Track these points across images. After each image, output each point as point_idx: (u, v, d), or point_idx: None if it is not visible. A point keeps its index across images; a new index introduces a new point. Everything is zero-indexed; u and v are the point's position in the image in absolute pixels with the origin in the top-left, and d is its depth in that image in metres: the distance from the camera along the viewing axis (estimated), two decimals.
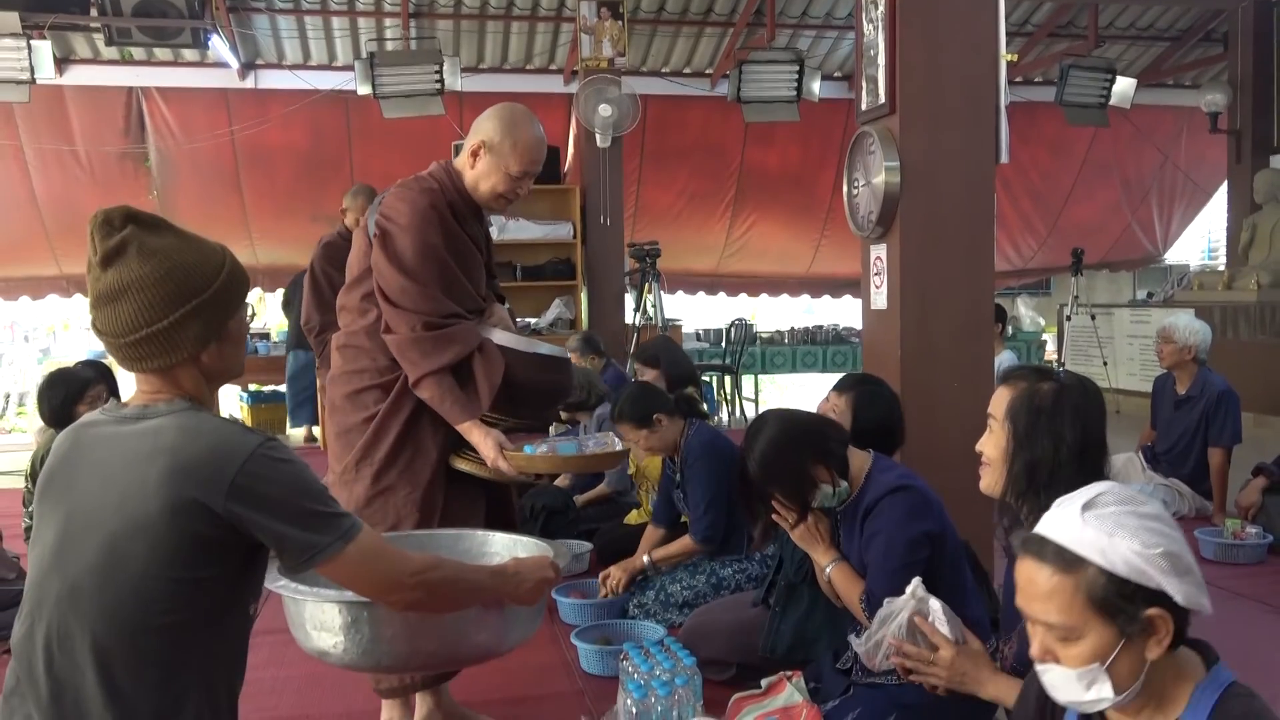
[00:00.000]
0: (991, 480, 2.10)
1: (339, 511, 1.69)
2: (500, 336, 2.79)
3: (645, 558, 3.98)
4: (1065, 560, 1.36)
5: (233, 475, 1.57)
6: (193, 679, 1.60)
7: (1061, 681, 1.40)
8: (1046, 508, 1.96)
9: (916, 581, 2.15)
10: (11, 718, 1.56)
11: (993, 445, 2.11)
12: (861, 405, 3.06)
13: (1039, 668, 1.43)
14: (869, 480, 2.61)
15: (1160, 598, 1.33)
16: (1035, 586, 1.39)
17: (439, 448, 2.78)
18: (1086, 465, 2.01)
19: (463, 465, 2.79)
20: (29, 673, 1.58)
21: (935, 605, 2.11)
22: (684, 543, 3.95)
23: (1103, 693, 1.37)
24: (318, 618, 1.96)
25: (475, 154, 2.79)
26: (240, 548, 1.62)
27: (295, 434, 8.68)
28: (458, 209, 2.80)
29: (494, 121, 2.79)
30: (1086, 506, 1.37)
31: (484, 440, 2.68)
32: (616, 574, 3.97)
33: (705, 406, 4.81)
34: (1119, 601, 1.33)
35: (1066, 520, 1.38)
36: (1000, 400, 2.12)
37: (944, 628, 2.08)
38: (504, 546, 2.48)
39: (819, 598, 2.88)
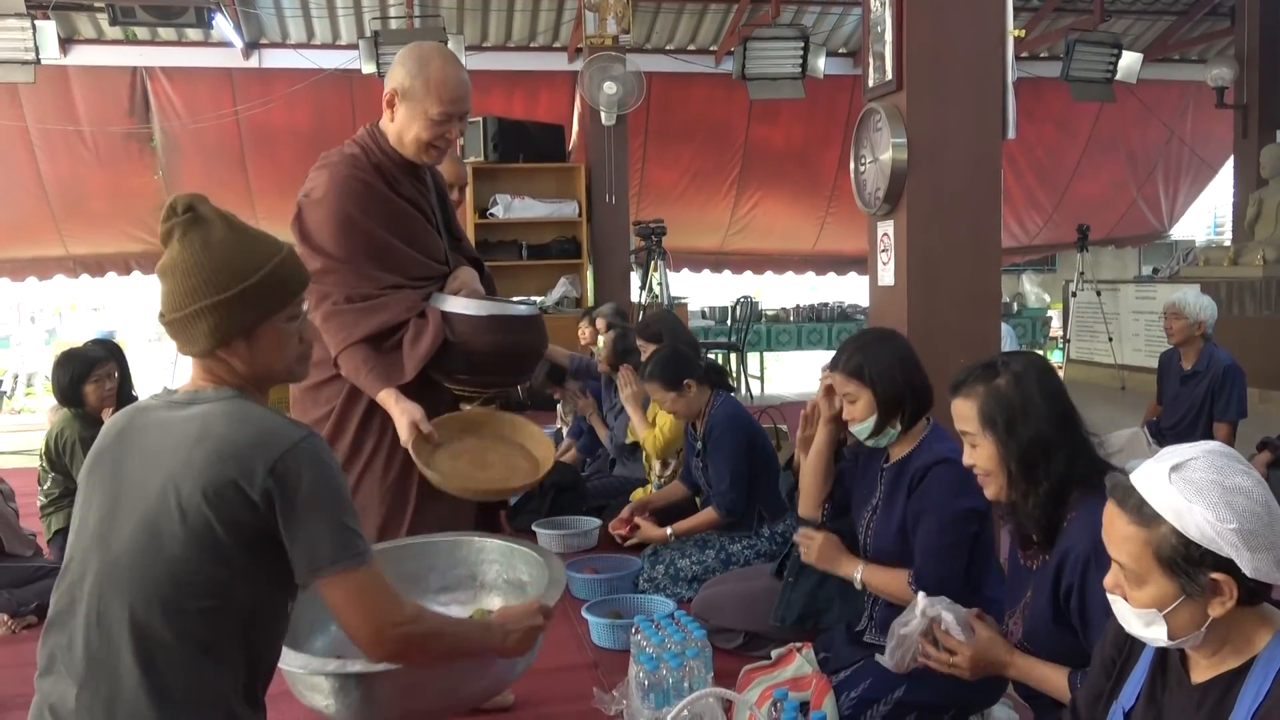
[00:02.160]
0: (996, 488, 2.12)
1: (360, 531, 1.67)
2: (453, 303, 2.62)
3: (669, 530, 4.03)
4: (1143, 514, 1.42)
5: (273, 462, 1.58)
6: (225, 667, 1.61)
7: (1125, 613, 1.49)
8: (1051, 492, 2.00)
9: (922, 597, 2.18)
10: (47, 698, 1.58)
11: (984, 456, 2.12)
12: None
13: (1110, 597, 1.51)
14: (923, 445, 2.63)
15: (1229, 565, 1.37)
16: (1114, 529, 1.47)
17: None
18: (1070, 432, 2.06)
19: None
20: (68, 648, 1.59)
21: (947, 616, 2.15)
22: (707, 515, 4.00)
23: (1158, 634, 1.45)
24: (306, 680, 1.92)
25: (390, 104, 2.61)
26: (277, 541, 1.61)
27: None
28: (387, 171, 2.63)
29: (403, 65, 2.59)
30: (1176, 469, 1.41)
31: (400, 415, 2.51)
32: (644, 526, 4.11)
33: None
34: (1184, 564, 1.39)
35: (1154, 477, 1.42)
36: (968, 413, 2.12)
37: (958, 634, 2.12)
38: (500, 554, 2.40)
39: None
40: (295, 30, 10.17)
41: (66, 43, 9.50)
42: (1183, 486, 1.39)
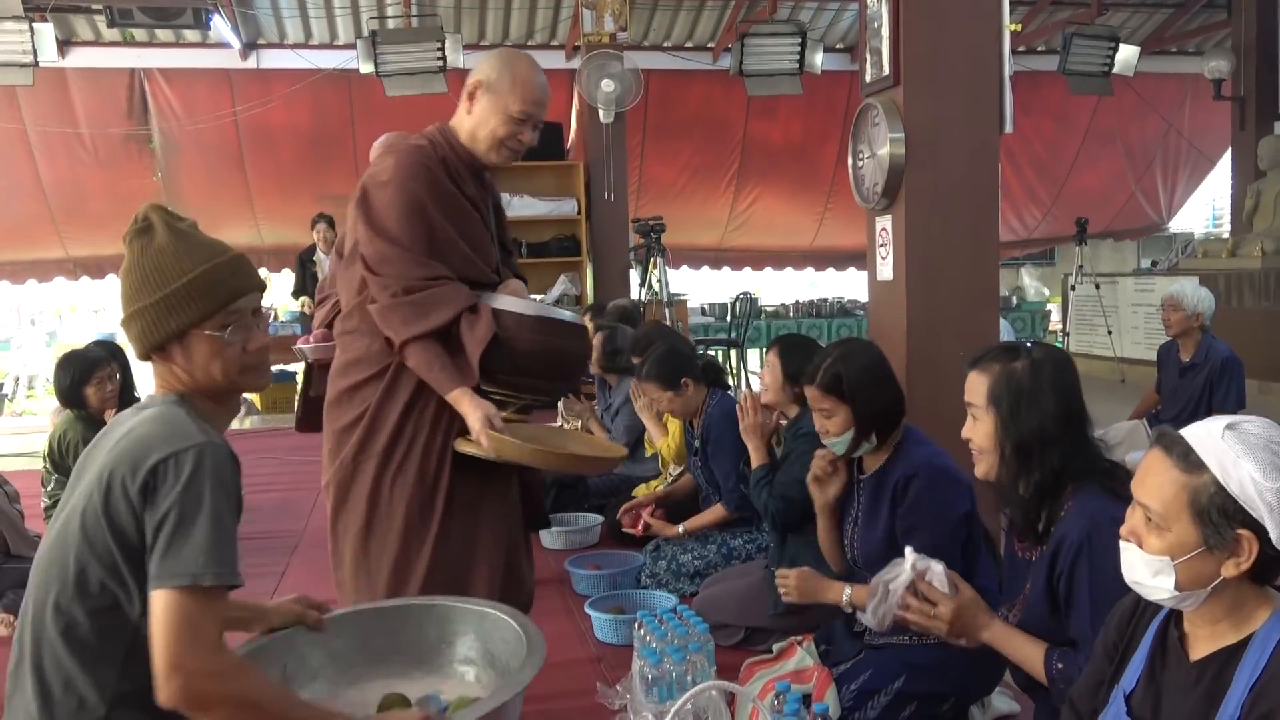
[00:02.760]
0: (987, 466, 2.13)
1: (223, 558, 1.51)
2: (503, 301, 2.57)
3: (680, 528, 4.06)
4: (1189, 461, 1.44)
5: (156, 461, 1.53)
6: (103, 677, 1.55)
7: (1134, 561, 1.50)
8: (1042, 483, 2.02)
9: (911, 552, 2.17)
10: (10, 698, 1.60)
11: (981, 433, 2.13)
12: (788, 354, 3.38)
13: (1122, 544, 1.53)
14: (900, 451, 2.63)
15: (1257, 526, 1.39)
16: (1152, 474, 1.48)
17: (443, 437, 2.56)
18: (1073, 432, 2.06)
19: (467, 448, 2.55)
20: (16, 641, 1.63)
21: (937, 567, 2.15)
22: (716, 511, 4.00)
23: (1164, 584, 1.46)
24: None
25: (472, 96, 2.55)
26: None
27: None
28: (453, 166, 2.56)
29: (491, 60, 2.56)
30: (1230, 426, 1.44)
31: (472, 411, 2.44)
32: (655, 524, 4.16)
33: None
34: (1216, 515, 1.41)
35: (1206, 431, 1.45)
36: (978, 387, 2.13)
37: (943, 586, 2.13)
38: (472, 624, 2.14)
39: (820, 559, 2.93)
40: (293, 30, 10.18)
41: (64, 45, 9.51)
42: (1234, 442, 1.41)
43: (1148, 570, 1.48)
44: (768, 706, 2.27)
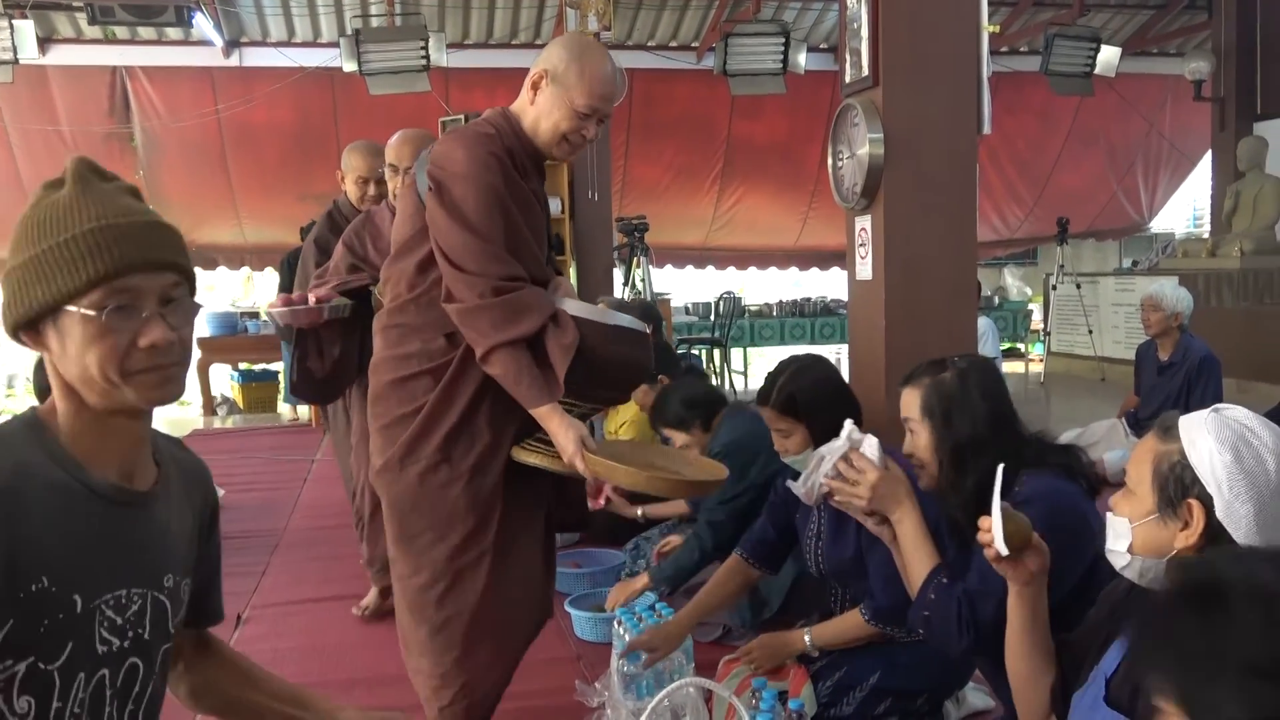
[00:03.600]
0: (928, 478, 2.19)
1: None
2: (572, 306, 2.40)
3: (639, 511, 4.18)
4: (1167, 434, 1.53)
5: None
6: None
7: (1109, 524, 1.59)
8: (979, 485, 2.04)
9: (849, 424, 2.20)
10: None
11: (920, 446, 2.18)
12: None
13: (1107, 515, 1.60)
14: None
15: (1207, 499, 1.45)
16: (1139, 448, 1.57)
17: (499, 442, 2.38)
18: (1004, 433, 2.14)
19: (530, 458, 2.36)
20: None
21: (871, 440, 2.17)
22: (678, 505, 4.07)
23: (1119, 546, 1.56)
24: None
25: (536, 86, 2.36)
26: None
27: (285, 410, 8.78)
28: (518, 156, 2.37)
29: (560, 49, 2.38)
30: (1218, 410, 1.51)
31: (564, 431, 2.24)
32: (616, 501, 4.22)
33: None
34: (1173, 482, 1.48)
35: (1197, 413, 1.52)
36: (912, 402, 2.20)
37: (874, 457, 2.14)
38: None
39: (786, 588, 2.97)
40: (276, 29, 10.16)
41: (45, 42, 9.47)
42: (1211, 421, 1.48)
43: (1113, 533, 1.57)
44: (744, 703, 2.28)
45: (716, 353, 9.95)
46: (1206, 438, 1.46)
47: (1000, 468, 1.72)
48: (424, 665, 2.41)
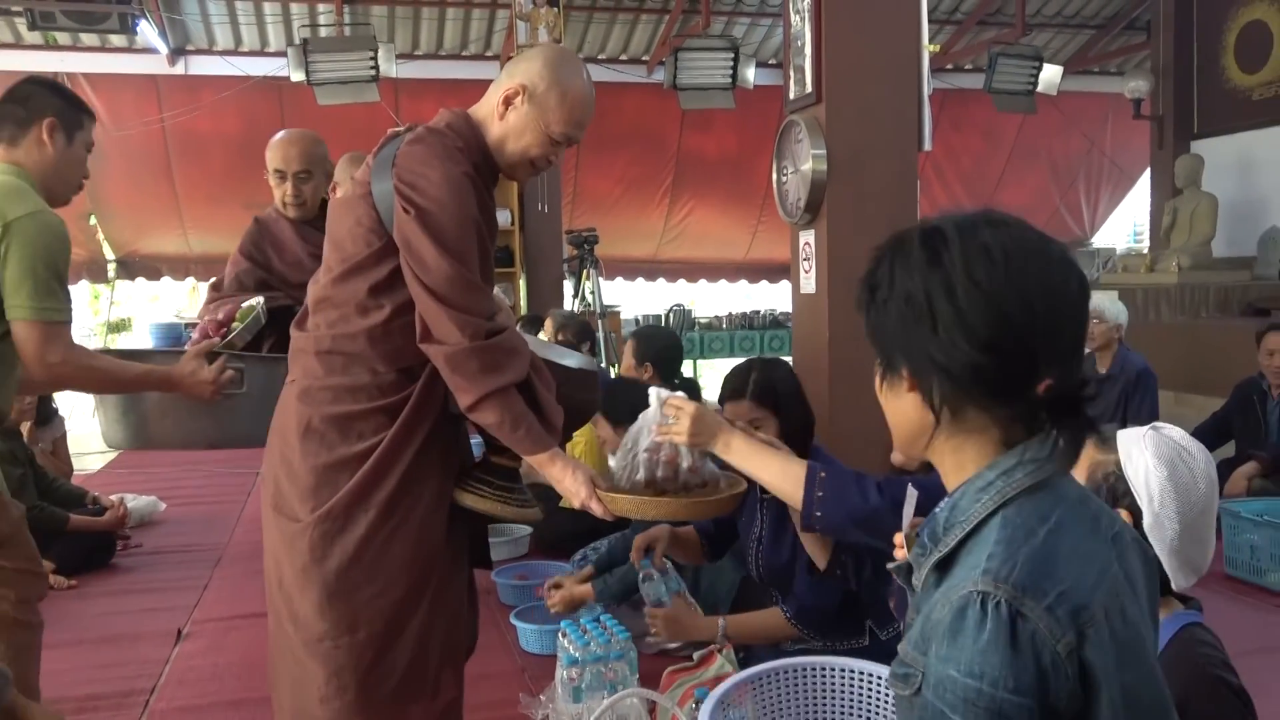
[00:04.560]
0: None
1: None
2: (549, 350, 2.25)
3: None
4: (1106, 444, 1.57)
5: None
6: None
7: None
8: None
9: (655, 390, 2.17)
10: None
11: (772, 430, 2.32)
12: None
13: None
14: None
15: (1136, 511, 1.51)
16: (1083, 455, 1.58)
17: (446, 487, 2.16)
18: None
19: (479, 504, 2.17)
20: None
21: (679, 392, 2.18)
22: None
23: None
24: None
25: (509, 101, 2.12)
26: None
27: None
28: (482, 173, 2.13)
29: (540, 63, 2.14)
30: (1157, 428, 1.55)
31: (571, 475, 2.06)
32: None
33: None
34: (1106, 491, 1.54)
35: (1136, 429, 1.57)
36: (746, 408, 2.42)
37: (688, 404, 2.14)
38: None
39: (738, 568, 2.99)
40: (222, 37, 10.06)
41: None
42: (1150, 439, 1.53)
43: None
44: (686, 714, 2.31)
45: None
46: (1144, 454, 1.50)
47: (911, 488, 1.74)
48: None
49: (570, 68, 2.16)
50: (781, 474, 2.05)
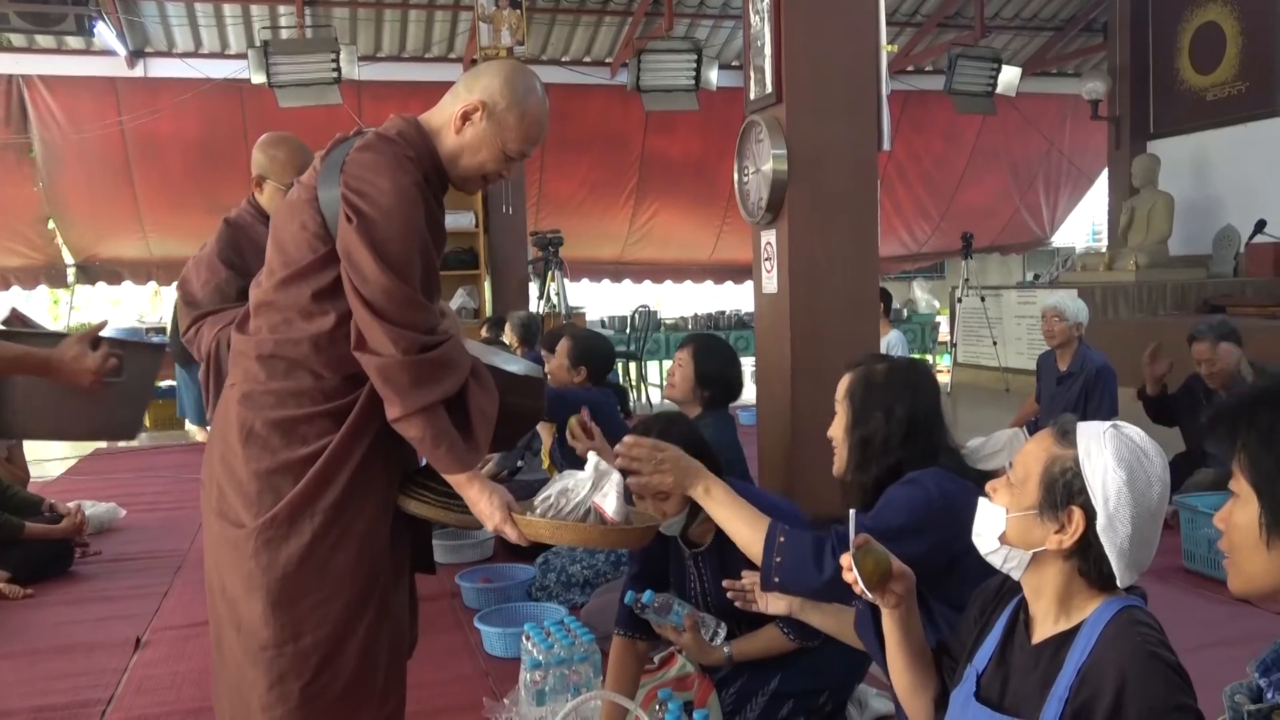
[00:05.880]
0: (837, 462, 2.22)
1: None
2: (489, 355, 2.21)
3: None
4: (1065, 438, 1.54)
5: None
6: None
7: (983, 508, 1.61)
8: (879, 480, 2.09)
9: (593, 457, 2.12)
10: None
11: (837, 427, 2.22)
12: (702, 356, 3.60)
13: (981, 500, 1.63)
14: None
15: (1090, 510, 1.48)
16: (1032, 444, 1.60)
17: (391, 494, 2.13)
18: (917, 436, 2.14)
19: (422, 510, 2.14)
20: None
21: (615, 476, 2.09)
22: None
23: (990, 532, 1.58)
24: None
25: (468, 117, 2.10)
26: None
27: (193, 430, 8.56)
28: (431, 183, 2.11)
29: (500, 81, 2.11)
30: (1117, 426, 1.54)
31: (487, 499, 2.02)
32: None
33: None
34: (1061, 486, 1.51)
35: (1097, 424, 1.55)
36: (842, 385, 2.24)
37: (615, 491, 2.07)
38: None
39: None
40: (182, 39, 9.95)
41: None
42: (1110, 437, 1.50)
43: (985, 519, 1.59)
44: (650, 715, 2.29)
45: (633, 366, 9.97)
46: (1104, 453, 1.48)
47: (853, 512, 1.72)
48: None
49: (528, 86, 2.15)
50: (750, 532, 2.05)
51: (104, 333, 2.46)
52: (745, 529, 2.05)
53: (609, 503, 2.06)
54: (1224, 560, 1.31)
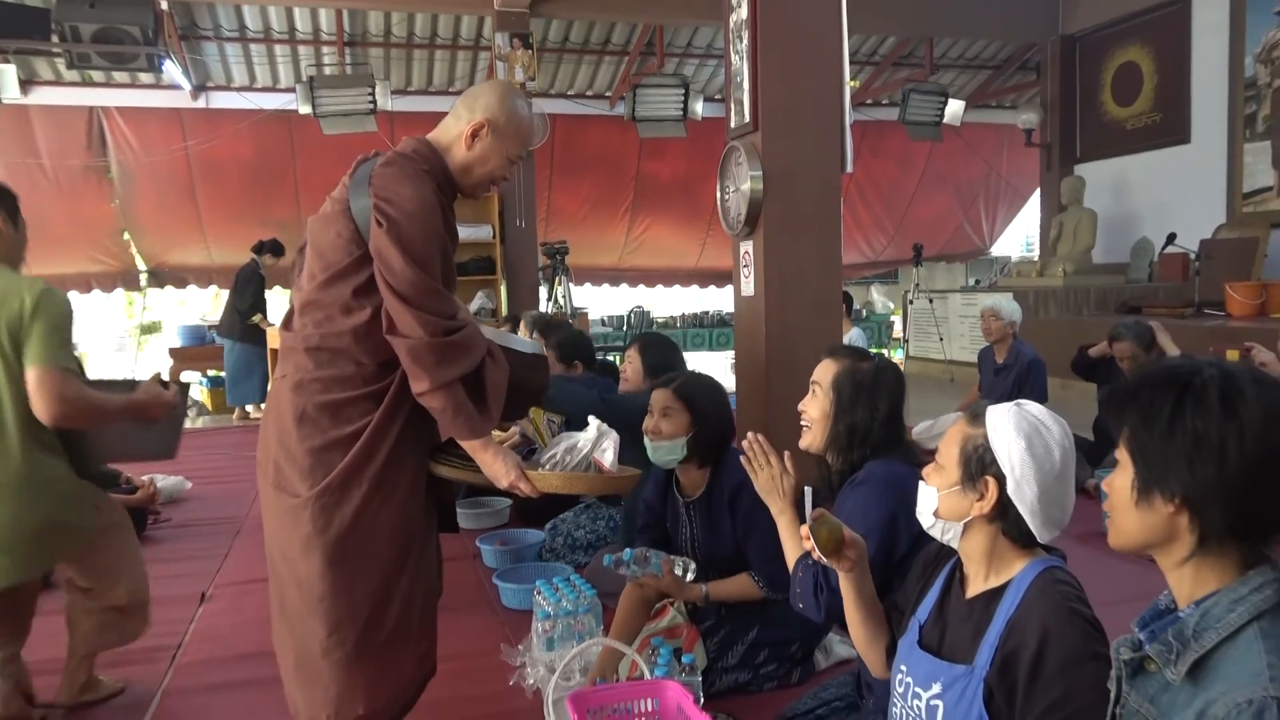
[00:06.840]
0: (811, 439, 2.22)
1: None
2: (502, 337, 2.25)
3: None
4: (975, 420, 1.55)
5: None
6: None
7: (921, 491, 1.62)
8: (855, 462, 2.11)
9: (594, 421, 2.20)
10: None
11: (816, 408, 2.22)
12: (646, 350, 3.65)
13: (920, 484, 1.62)
14: (720, 466, 2.68)
15: (1001, 477, 1.50)
16: (953, 429, 1.60)
17: (423, 461, 2.16)
18: (891, 429, 2.18)
19: (451, 473, 2.18)
20: None
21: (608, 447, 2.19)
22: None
23: (927, 510, 1.59)
24: None
25: (476, 134, 2.17)
26: None
27: (250, 410, 8.55)
28: (444, 193, 2.17)
29: (495, 99, 2.20)
30: (1020, 404, 1.54)
31: (500, 461, 2.07)
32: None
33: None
34: (975, 461, 1.52)
35: (1001, 404, 1.55)
36: (826, 371, 2.23)
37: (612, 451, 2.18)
38: None
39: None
40: (239, 75, 9.91)
41: (27, 84, 9.13)
42: (1011, 413, 1.51)
43: (922, 499, 1.60)
44: (645, 659, 2.30)
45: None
46: (1007, 426, 1.50)
47: (808, 489, 1.77)
48: (333, 690, 2.03)
49: (520, 101, 2.24)
50: (792, 559, 2.09)
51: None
52: (790, 555, 2.10)
53: (607, 457, 2.15)
54: (1106, 520, 1.31)
